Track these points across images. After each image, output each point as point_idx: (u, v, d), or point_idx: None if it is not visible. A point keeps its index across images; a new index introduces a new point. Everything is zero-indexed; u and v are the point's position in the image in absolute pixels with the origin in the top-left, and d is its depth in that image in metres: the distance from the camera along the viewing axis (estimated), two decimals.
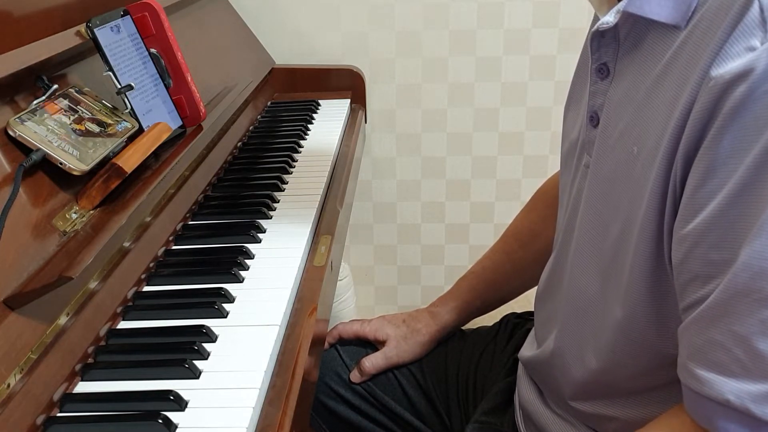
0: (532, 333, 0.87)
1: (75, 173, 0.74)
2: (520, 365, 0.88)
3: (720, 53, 0.52)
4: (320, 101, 1.49)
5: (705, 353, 0.54)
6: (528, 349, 0.85)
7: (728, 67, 0.51)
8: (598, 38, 0.65)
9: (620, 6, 0.61)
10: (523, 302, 1.03)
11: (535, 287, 1.00)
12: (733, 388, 0.52)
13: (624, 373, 0.68)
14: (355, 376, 0.98)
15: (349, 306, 1.71)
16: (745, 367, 0.51)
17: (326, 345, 1.02)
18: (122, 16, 0.93)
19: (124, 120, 0.87)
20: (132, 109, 0.89)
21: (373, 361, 0.97)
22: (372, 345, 1.01)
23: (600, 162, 0.67)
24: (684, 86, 0.55)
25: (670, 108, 0.57)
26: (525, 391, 0.84)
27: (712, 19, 0.54)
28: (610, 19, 0.62)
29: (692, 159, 0.54)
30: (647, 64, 0.61)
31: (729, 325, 0.52)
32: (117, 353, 0.71)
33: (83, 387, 0.66)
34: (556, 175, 0.98)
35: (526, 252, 0.99)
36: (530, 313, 1.00)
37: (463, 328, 1.03)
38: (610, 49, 0.65)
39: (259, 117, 1.40)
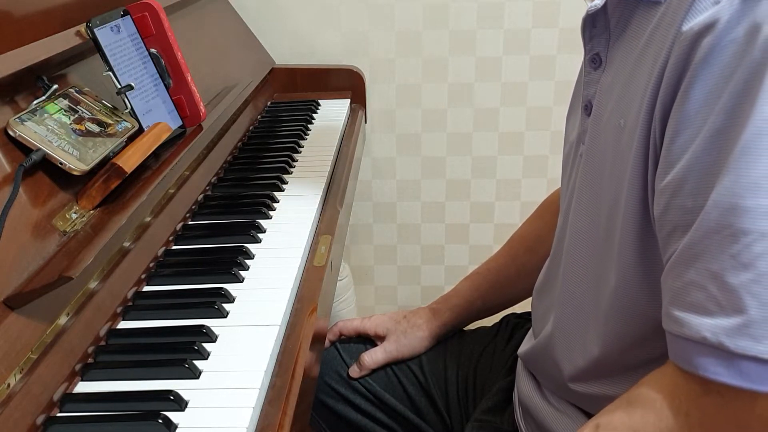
0: (530, 332, 0.88)
1: (75, 173, 0.74)
2: (519, 362, 0.88)
3: (690, 10, 0.54)
4: (320, 101, 1.49)
5: (683, 296, 0.55)
6: (526, 345, 0.86)
7: (696, 20, 0.54)
8: (590, 28, 0.67)
9: None
10: (523, 303, 1.03)
11: None
12: (708, 326, 0.53)
13: (619, 345, 0.68)
14: (354, 371, 0.98)
15: (349, 306, 1.71)
16: (719, 303, 0.52)
17: (327, 342, 1.02)
18: (122, 16, 0.93)
19: (124, 120, 0.87)
20: (132, 109, 0.89)
21: (372, 356, 0.97)
22: (372, 344, 1.01)
23: (592, 145, 0.68)
24: (661, 51, 0.57)
25: (649, 74, 0.59)
26: (523, 386, 0.84)
27: None
28: (597, 1, 0.65)
29: (668, 114, 0.56)
30: (632, 43, 0.63)
31: (704, 263, 0.53)
32: (117, 353, 0.71)
33: (83, 387, 0.66)
34: None
35: (531, 257, 0.99)
36: (530, 314, 1.01)
37: (463, 328, 1.03)
38: (603, 39, 0.67)
39: (259, 117, 1.40)
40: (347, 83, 1.56)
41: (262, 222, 0.95)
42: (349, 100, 1.51)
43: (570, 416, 0.77)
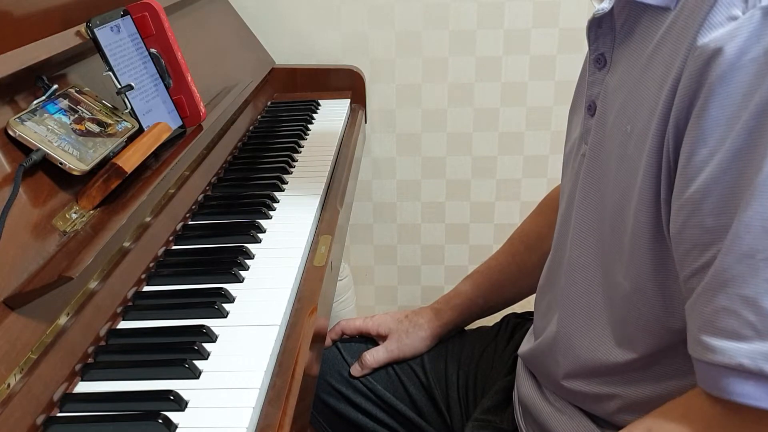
0: (530, 330, 0.88)
1: (75, 173, 0.74)
2: (519, 362, 0.88)
3: (704, 24, 0.54)
4: (320, 101, 1.49)
5: (714, 322, 0.54)
6: (526, 344, 0.86)
7: (712, 35, 0.53)
8: (596, 28, 0.67)
9: None
10: (524, 302, 1.03)
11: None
12: (746, 352, 0.52)
13: (635, 349, 0.67)
14: (356, 370, 0.98)
15: (349, 306, 1.71)
16: (756, 328, 0.52)
17: (329, 341, 1.02)
18: (122, 16, 0.93)
19: (124, 120, 0.87)
20: (132, 109, 0.89)
21: (374, 355, 0.97)
22: (373, 343, 1.01)
23: (596, 146, 0.68)
24: (673, 61, 0.57)
25: (660, 83, 0.58)
26: (524, 387, 0.84)
27: None
28: (605, 5, 0.64)
29: (683, 129, 0.55)
30: (639, 47, 0.63)
31: (736, 289, 0.52)
32: (117, 353, 0.71)
33: (83, 387, 0.66)
34: None
35: (531, 255, 0.99)
36: (531, 314, 1.01)
37: (464, 327, 1.03)
38: (608, 39, 0.67)
39: (259, 117, 1.40)
40: (347, 83, 1.56)
41: (262, 222, 0.95)
42: (349, 100, 1.51)
43: (570, 416, 0.77)
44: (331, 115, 1.44)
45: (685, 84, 0.55)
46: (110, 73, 0.88)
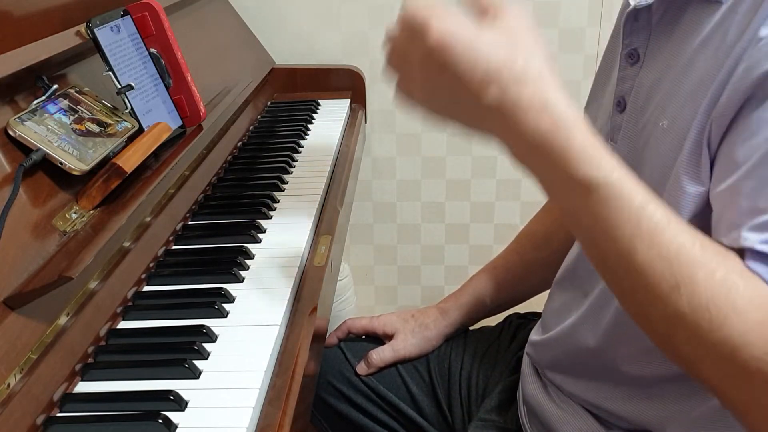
0: (538, 324, 0.87)
1: (75, 173, 0.74)
2: (524, 362, 0.88)
3: None
4: (320, 101, 1.49)
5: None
6: (536, 334, 0.85)
7: None
8: (632, 21, 0.66)
9: None
10: (526, 303, 1.03)
11: (543, 291, 1.00)
12: None
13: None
14: (362, 369, 0.98)
15: (349, 306, 1.71)
16: None
17: (335, 339, 1.02)
18: (122, 16, 0.93)
19: (124, 120, 0.87)
20: (132, 109, 0.89)
21: (380, 354, 0.97)
22: (378, 343, 1.01)
23: (628, 143, 0.67)
24: (727, 54, 0.55)
25: (708, 77, 0.57)
26: (529, 387, 0.84)
27: None
28: None
29: (731, 119, 0.54)
30: (682, 42, 0.61)
31: None
32: (117, 353, 0.71)
33: (83, 387, 0.66)
34: None
35: (539, 254, 0.99)
36: (533, 314, 1.01)
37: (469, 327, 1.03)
38: (642, 35, 0.66)
39: (259, 117, 1.40)
40: (347, 83, 1.56)
41: (262, 222, 0.95)
42: (349, 100, 1.51)
43: (575, 416, 0.77)
44: (331, 115, 1.43)
45: (741, 75, 0.53)
46: (110, 73, 0.88)
